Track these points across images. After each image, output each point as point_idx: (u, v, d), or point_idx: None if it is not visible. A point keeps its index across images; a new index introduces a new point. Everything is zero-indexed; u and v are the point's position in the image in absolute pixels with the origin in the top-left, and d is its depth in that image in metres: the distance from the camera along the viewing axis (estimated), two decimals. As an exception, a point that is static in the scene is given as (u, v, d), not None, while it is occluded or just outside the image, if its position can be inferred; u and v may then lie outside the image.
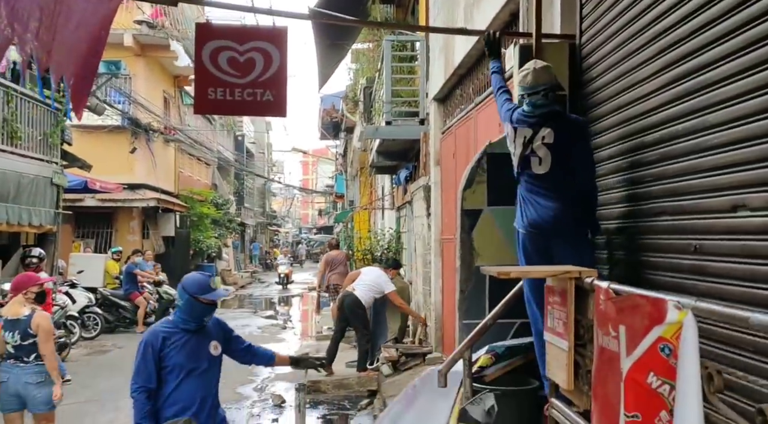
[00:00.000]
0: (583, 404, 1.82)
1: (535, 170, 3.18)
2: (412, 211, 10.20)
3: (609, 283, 1.69)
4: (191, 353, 3.45)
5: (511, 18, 5.05)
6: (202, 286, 3.46)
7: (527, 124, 3.23)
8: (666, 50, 2.93)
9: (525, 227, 3.18)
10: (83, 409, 7.38)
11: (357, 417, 7.08)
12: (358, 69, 14.69)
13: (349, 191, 27.12)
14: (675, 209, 2.77)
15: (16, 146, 10.34)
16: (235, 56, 4.11)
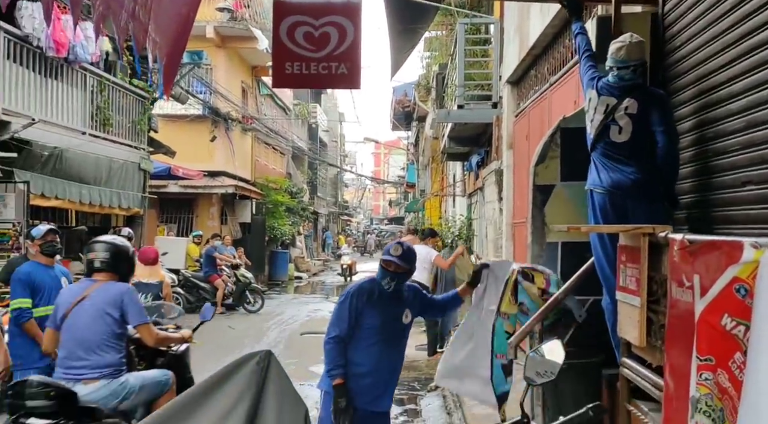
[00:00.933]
0: (656, 359, 1.79)
1: (614, 138, 3.20)
2: (483, 196, 10.13)
3: (684, 234, 1.66)
4: (383, 317, 3.48)
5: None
6: (385, 250, 3.64)
7: (612, 94, 3.26)
8: (751, 15, 2.80)
9: (604, 187, 3.18)
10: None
11: (427, 397, 7.13)
12: (431, 56, 14.66)
13: (420, 181, 27.14)
14: (762, 178, 2.66)
15: (108, 133, 10.95)
16: (311, 31, 4.22)
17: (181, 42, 3.90)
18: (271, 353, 1.75)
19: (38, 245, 4.91)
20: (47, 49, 8.61)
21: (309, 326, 12.56)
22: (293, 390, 1.71)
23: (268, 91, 23.25)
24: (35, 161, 8.87)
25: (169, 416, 1.56)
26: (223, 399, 1.59)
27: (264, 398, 1.62)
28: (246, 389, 1.61)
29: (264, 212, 22.01)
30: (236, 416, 1.58)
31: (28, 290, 4.70)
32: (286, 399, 1.67)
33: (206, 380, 1.66)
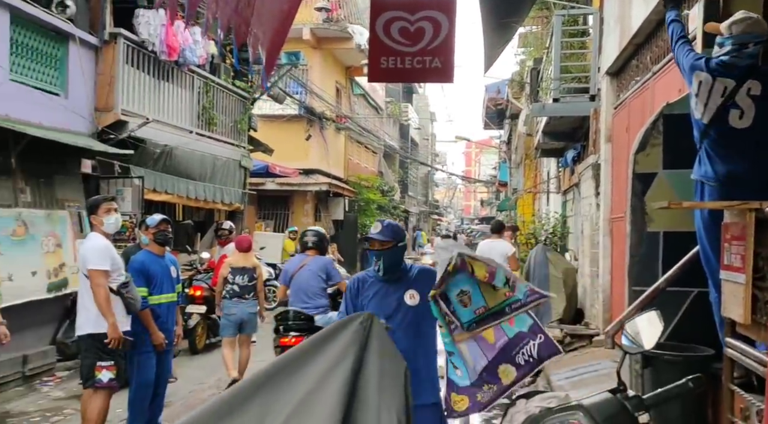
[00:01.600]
0: (761, 337, 1.74)
1: (734, 124, 2.94)
2: (579, 192, 9.89)
3: (795, 208, 1.62)
4: (380, 302, 3.29)
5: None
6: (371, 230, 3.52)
7: (730, 75, 2.99)
8: None
9: (719, 180, 2.93)
10: (265, 365, 8.14)
11: (518, 393, 7.07)
12: (526, 52, 14.44)
13: (512, 179, 26.72)
14: None
15: (212, 132, 11.58)
16: (407, 26, 4.33)
17: (280, 37, 4.11)
18: (374, 315, 1.86)
19: (152, 234, 5.15)
20: (160, 53, 9.23)
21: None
22: (394, 349, 1.81)
23: (361, 90, 23.69)
24: (148, 158, 9.53)
25: (277, 370, 1.69)
26: (329, 355, 1.71)
27: (367, 354, 1.73)
28: (349, 346, 1.72)
29: (356, 210, 22.46)
30: (341, 370, 1.69)
31: (143, 278, 4.93)
32: (388, 357, 1.77)
33: (314, 337, 1.79)
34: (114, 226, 4.83)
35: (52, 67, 7.85)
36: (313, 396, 1.63)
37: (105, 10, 8.46)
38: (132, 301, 4.72)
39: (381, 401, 1.70)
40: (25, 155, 7.04)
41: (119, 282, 4.67)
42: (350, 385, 1.67)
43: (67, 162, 7.92)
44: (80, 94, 8.16)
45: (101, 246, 4.67)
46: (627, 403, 1.58)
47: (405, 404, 1.75)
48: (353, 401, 1.67)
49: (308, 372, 1.67)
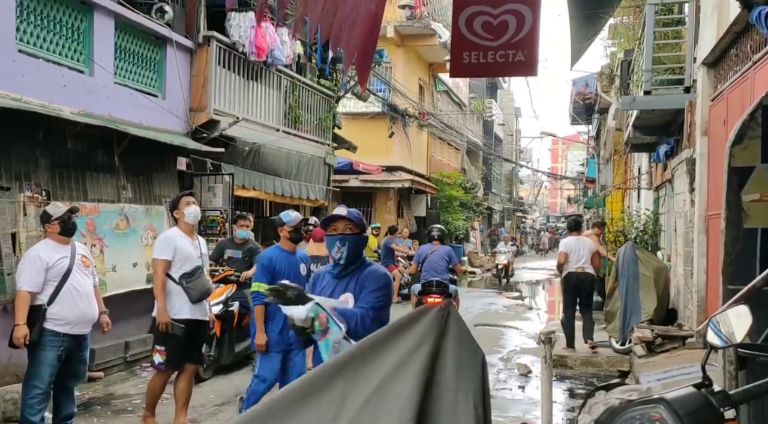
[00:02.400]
0: None
1: None
2: (672, 188, 9.46)
3: None
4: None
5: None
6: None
7: None
8: None
9: None
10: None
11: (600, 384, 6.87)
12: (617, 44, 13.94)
13: (601, 176, 25.85)
14: None
15: (298, 129, 11.91)
16: (489, 20, 4.28)
17: (372, 35, 4.17)
18: (452, 304, 1.89)
19: (287, 232, 5.04)
20: (250, 54, 9.59)
21: (483, 318, 12.64)
22: (471, 338, 1.83)
23: (444, 87, 23.63)
24: (237, 156, 9.94)
25: (358, 353, 1.75)
26: (408, 340, 1.75)
27: (445, 341, 1.76)
28: (428, 332, 1.76)
29: (438, 207, 22.43)
30: (420, 355, 1.73)
31: (268, 275, 4.83)
32: (465, 344, 1.79)
33: (392, 324, 1.84)
34: (193, 216, 5.18)
35: (151, 69, 8.33)
36: (391, 379, 1.68)
37: (200, 14, 8.89)
38: (192, 290, 5.03)
39: (458, 386, 1.73)
40: (127, 154, 7.52)
41: (184, 271, 5.03)
42: (428, 370, 1.71)
43: (164, 160, 8.39)
44: (176, 95, 8.62)
45: (166, 238, 5.17)
46: (712, 398, 1.52)
47: (482, 390, 1.78)
48: (431, 385, 1.71)
49: (387, 357, 1.72)
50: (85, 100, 6.99)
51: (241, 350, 7.55)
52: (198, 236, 5.47)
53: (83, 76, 7.07)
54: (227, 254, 7.54)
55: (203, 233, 9.36)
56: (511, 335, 10.94)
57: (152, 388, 5.20)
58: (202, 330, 5.32)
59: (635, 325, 7.84)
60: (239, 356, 7.55)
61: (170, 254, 5.03)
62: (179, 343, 5.04)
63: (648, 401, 1.52)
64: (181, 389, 5.23)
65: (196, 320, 5.16)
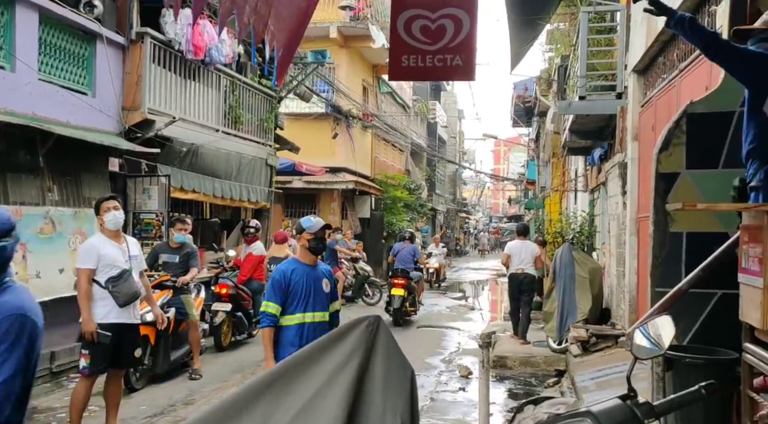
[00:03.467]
0: (781, 344, 1.68)
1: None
2: (606, 191, 9.74)
3: (814, 210, 1.56)
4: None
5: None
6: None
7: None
8: None
9: None
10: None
11: (544, 393, 6.99)
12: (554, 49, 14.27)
13: (540, 177, 26.45)
14: None
15: (238, 130, 11.68)
16: (428, 24, 4.29)
17: (298, 34, 4.09)
18: (380, 318, 1.84)
19: (307, 240, 4.27)
20: (187, 52, 9.33)
21: (426, 319, 12.69)
22: (400, 352, 1.80)
23: (388, 88, 23.66)
24: (175, 157, 9.65)
25: (285, 370, 1.69)
26: (335, 356, 1.71)
27: (373, 358, 1.72)
28: (356, 348, 1.71)
29: (383, 208, 22.44)
30: (347, 372, 1.68)
31: (281, 292, 4.15)
32: (394, 360, 1.75)
33: (320, 339, 1.78)
34: (113, 222, 5.09)
35: (80, 66, 7.99)
36: (318, 398, 1.63)
37: (132, 9, 8.58)
38: (118, 294, 4.96)
39: (386, 404, 1.69)
40: (53, 154, 7.18)
41: (111, 275, 4.96)
42: (356, 387, 1.66)
43: (95, 161, 8.06)
44: (107, 93, 8.30)
45: (88, 246, 5.10)
46: (637, 410, 1.53)
47: (411, 407, 1.74)
48: (358, 404, 1.66)
49: (314, 374, 1.67)
50: (6, 98, 6.63)
51: (177, 357, 7.34)
52: (126, 238, 5.35)
53: (4, 72, 6.71)
54: (162, 259, 7.30)
55: (138, 236, 9.05)
56: (453, 336, 11.03)
57: (76, 397, 5.03)
58: (131, 334, 5.22)
59: (571, 325, 8.03)
60: (175, 364, 7.33)
61: (93, 262, 4.97)
62: (105, 347, 4.96)
63: (575, 414, 1.52)
64: (110, 393, 5.16)
65: (123, 324, 5.06)
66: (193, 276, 7.30)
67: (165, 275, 7.12)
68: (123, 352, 5.15)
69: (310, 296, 4.19)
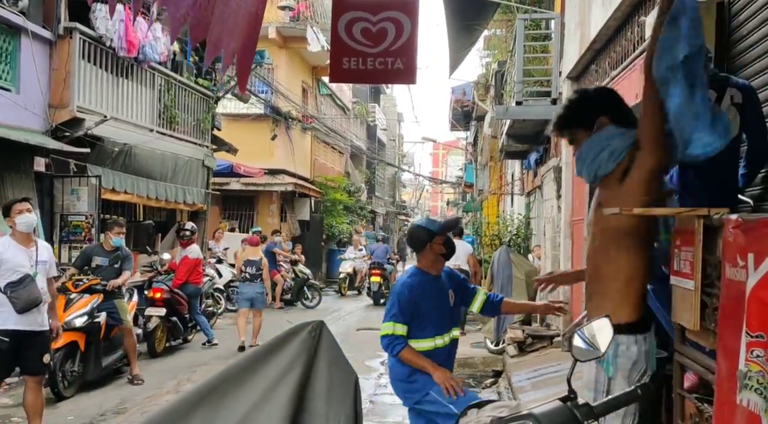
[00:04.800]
0: (710, 343, 1.75)
1: None
2: (542, 194, 10.00)
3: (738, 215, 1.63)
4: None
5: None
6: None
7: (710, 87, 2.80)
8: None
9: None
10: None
11: (481, 394, 7.10)
12: (491, 55, 14.56)
13: (478, 181, 26.92)
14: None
15: (174, 130, 11.37)
16: (369, 27, 4.28)
17: (252, 38, 4.01)
18: (323, 323, 1.81)
19: (440, 245, 3.60)
20: (119, 49, 9.02)
21: (365, 322, 12.68)
22: (344, 359, 1.77)
23: (327, 90, 23.57)
24: (106, 157, 9.31)
25: (223, 380, 1.64)
26: (276, 365, 1.66)
27: (316, 365, 1.69)
28: (298, 357, 1.68)
29: (322, 210, 22.34)
30: (288, 381, 1.65)
31: (409, 311, 3.44)
32: (337, 367, 1.73)
33: (260, 347, 1.74)
34: (26, 225, 4.93)
35: (3, 61, 7.59)
36: (259, 407, 1.58)
37: (59, 3, 8.22)
38: (16, 300, 4.77)
39: (329, 413, 1.66)
40: (-26, 153, 6.80)
41: (12, 280, 4.77)
42: (298, 395, 1.63)
43: (19, 160, 7.68)
44: (33, 89, 7.92)
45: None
46: (577, 411, 1.57)
47: (354, 416, 1.72)
48: (301, 412, 1.63)
49: (255, 382, 1.62)
50: None
51: (109, 363, 7.08)
52: (38, 242, 5.15)
53: None
54: (95, 262, 7.00)
55: (66, 239, 8.68)
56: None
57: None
58: (34, 341, 4.95)
59: (508, 326, 8.19)
60: (107, 371, 7.08)
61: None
62: (1, 353, 4.74)
63: (517, 417, 1.54)
64: (29, 402, 4.92)
65: (23, 331, 4.83)
66: (125, 280, 7.05)
67: (94, 279, 6.85)
68: (28, 358, 4.92)
69: (438, 311, 3.53)
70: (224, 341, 9.63)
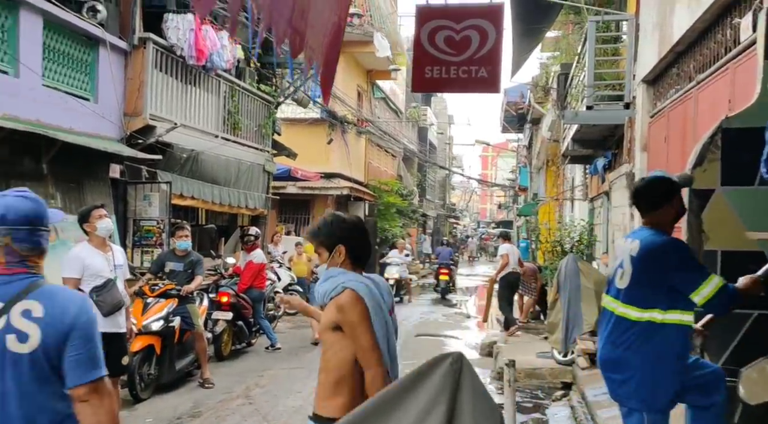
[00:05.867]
0: None
1: None
2: (609, 201, 9.72)
3: None
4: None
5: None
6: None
7: None
8: None
9: None
10: (293, 374, 8.07)
11: (552, 407, 6.94)
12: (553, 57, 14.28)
13: (533, 184, 26.52)
14: None
15: (237, 136, 11.55)
16: (452, 35, 4.23)
17: (336, 47, 4.01)
18: (463, 356, 1.75)
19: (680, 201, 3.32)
20: (189, 58, 9.21)
21: (423, 327, 12.61)
22: (487, 394, 1.71)
23: (381, 94, 23.62)
24: (175, 163, 9.51)
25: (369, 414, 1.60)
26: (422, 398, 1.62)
27: (459, 401, 1.63)
28: (441, 390, 1.62)
29: (376, 214, 22.37)
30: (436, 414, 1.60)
31: None
32: (481, 403, 1.66)
33: (401, 380, 1.69)
34: (105, 229, 5.11)
35: (83, 72, 7.85)
36: None
37: (135, 14, 8.45)
38: (102, 304, 4.93)
39: None
40: (56, 161, 7.04)
41: (97, 285, 4.96)
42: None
43: (96, 167, 7.92)
44: (109, 98, 8.16)
45: (72, 255, 5.10)
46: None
47: None
48: None
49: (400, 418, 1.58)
50: (9, 104, 6.49)
51: (182, 367, 7.22)
52: (113, 247, 5.33)
53: (8, 77, 6.56)
54: (168, 267, 7.16)
55: (138, 244, 8.90)
56: (452, 346, 10.95)
57: None
58: (117, 343, 5.15)
59: (578, 336, 7.97)
60: (180, 374, 7.22)
61: (78, 271, 4.99)
62: None
63: None
64: None
65: (108, 333, 4.94)
66: (197, 285, 7.19)
67: (169, 284, 6.99)
68: (110, 360, 5.03)
69: None
70: (286, 344, 9.72)
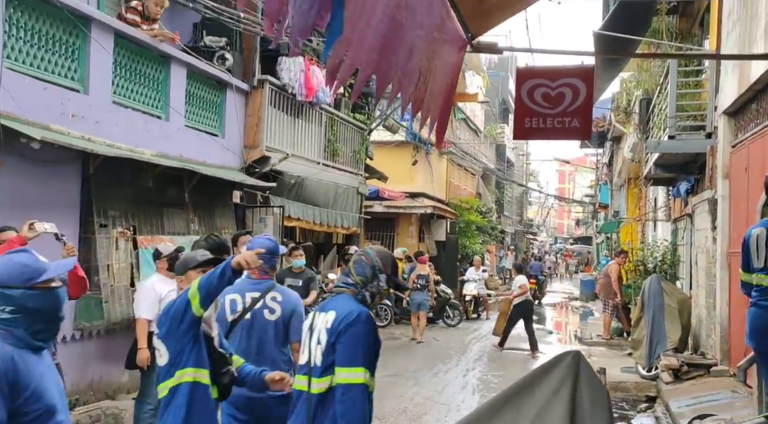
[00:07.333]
0: None
1: None
2: (692, 223, 10.08)
3: None
4: None
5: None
6: None
7: None
8: None
9: None
10: (391, 381, 8.89)
11: (637, 418, 7.45)
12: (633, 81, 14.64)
13: (613, 201, 26.48)
14: None
15: (335, 162, 12.62)
16: (548, 91, 4.97)
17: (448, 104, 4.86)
18: (581, 353, 2.49)
19: None
20: (299, 95, 10.33)
21: (509, 341, 13.18)
22: (598, 379, 2.43)
23: (462, 115, 24.38)
24: (284, 188, 10.63)
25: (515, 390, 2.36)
26: (551, 382, 2.36)
27: (579, 385, 2.36)
28: (566, 377, 2.36)
29: (457, 231, 23.05)
30: (563, 394, 2.33)
31: None
32: (594, 386, 2.38)
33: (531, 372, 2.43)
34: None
35: (213, 111, 9.05)
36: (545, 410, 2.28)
37: (255, 59, 9.63)
38: None
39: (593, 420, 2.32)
40: (194, 189, 8.21)
41: None
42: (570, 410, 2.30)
43: (223, 194, 9.08)
44: (233, 134, 9.33)
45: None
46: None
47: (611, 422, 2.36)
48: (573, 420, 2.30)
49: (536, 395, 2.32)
50: (161, 143, 7.69)
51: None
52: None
53: (161, 121, 7.79)
54: (287, 283, 8.11)
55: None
56: (537, 360, 11.50)
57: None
58: None
59: (661, 353, 8.43)
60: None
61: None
62: None
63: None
64: None
65: None
66: (314, 299, 8.13)
67: (289, 299, 7.96)
68: None
69: None
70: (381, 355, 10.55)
